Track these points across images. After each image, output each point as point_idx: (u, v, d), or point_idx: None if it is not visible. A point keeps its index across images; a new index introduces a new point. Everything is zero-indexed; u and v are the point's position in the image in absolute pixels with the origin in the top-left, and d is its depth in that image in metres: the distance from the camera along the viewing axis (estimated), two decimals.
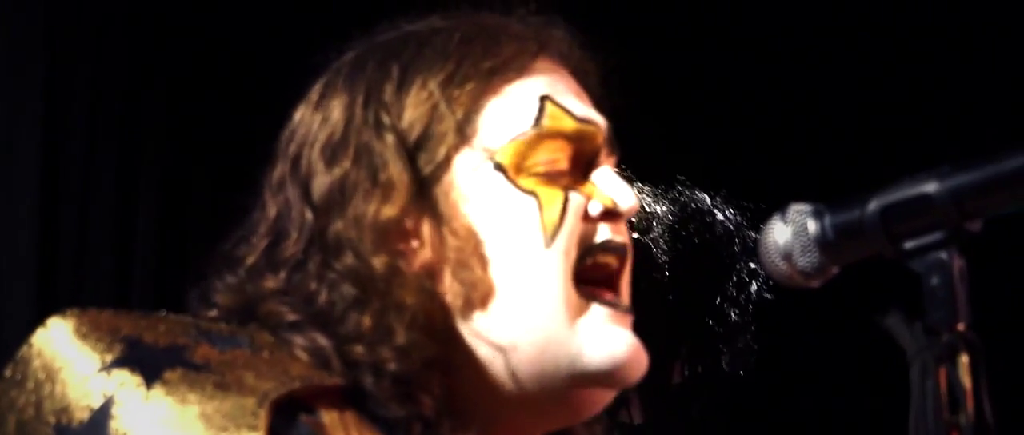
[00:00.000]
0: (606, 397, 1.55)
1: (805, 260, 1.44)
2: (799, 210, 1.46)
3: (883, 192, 1.41)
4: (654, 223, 2.54)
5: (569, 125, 1.53)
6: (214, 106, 4.73)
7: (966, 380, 1.32)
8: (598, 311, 1.52)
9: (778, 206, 1.48)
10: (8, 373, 1.39)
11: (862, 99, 4.97)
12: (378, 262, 1.47)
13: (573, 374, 1.50)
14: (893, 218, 1.40)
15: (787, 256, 1.45)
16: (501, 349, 1.48)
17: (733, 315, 2.64)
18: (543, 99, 1.53)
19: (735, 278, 2.64)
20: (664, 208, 2.59)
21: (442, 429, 1.46)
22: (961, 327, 1.34)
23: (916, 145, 4.52)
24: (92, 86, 4.80)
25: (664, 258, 2.50)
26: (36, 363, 1.37)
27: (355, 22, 1.66)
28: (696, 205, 2.66)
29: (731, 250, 2.64)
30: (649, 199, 2.61)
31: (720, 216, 2.66)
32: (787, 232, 1.45)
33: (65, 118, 4.74)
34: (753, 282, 2.64)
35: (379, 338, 1.45)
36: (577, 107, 1.55)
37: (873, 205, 1.41)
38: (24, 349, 1.38)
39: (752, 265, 2.63)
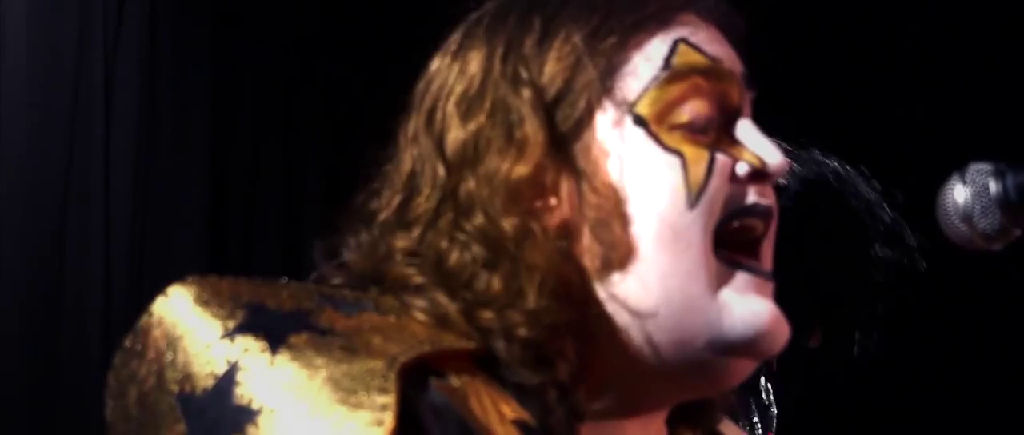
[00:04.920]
0: (747, 368, 1.45)
1: (986, 222, 1.39)
2: (979, 170, 1.41)
3: None
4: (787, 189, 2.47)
5: (701, 61, 1.44)
6: (373, 90, 4.80)
7: None
8: (741, 278, 1.42)
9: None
10: (128, 344, 1.34)
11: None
12: (508, 223, 1.39)
13: (712, 342, 1.40)
14: None
15: (967, 218, 1.40)
16: (639, 313, 1.40)
17: (862, 292, 2.56)
18: (677, 41, 1.45)
19: (867, 255, 2.55)
20: (795, 176, 2.51)
21: (578, 396, 1.38)
22: None
23: None
24: (255, 84, 4.94)
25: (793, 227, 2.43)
26: (156, 332, 1.32)
27: None
28: (830, 174, 2.58)
29: (864, 226, 2.56)
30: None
31: (855, 188, 2.57)
32: (966, 192, 1.40)
33: (231, 117, 4.89)
34: (884, 264, 2.56)
35: (509, 301, 1.37)
36: (711, 47, 1.47)
37: None
38: (144, 318, 1.33)
39: (884, 247, 2.56)
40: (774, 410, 2.52)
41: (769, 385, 2.51)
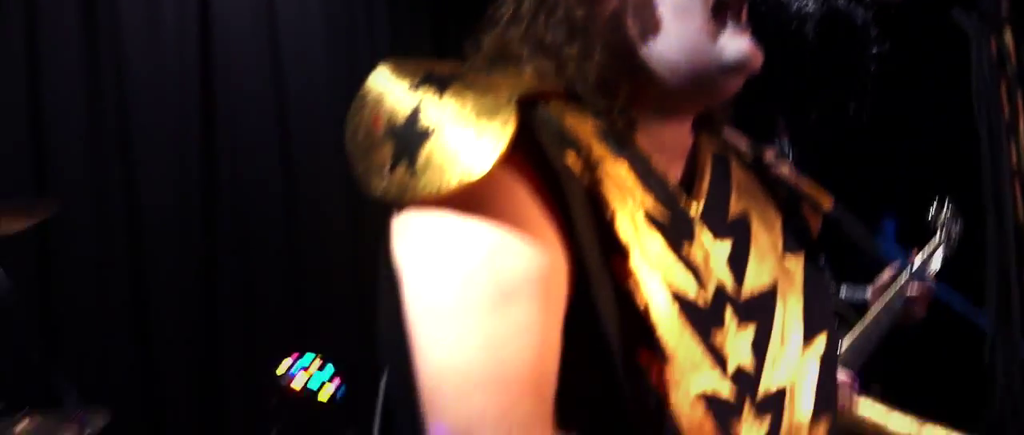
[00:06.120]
0: (738, 82, 2.06)
1: None
2: None
3: None
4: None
5: None
6: None
7: (1010, 43, 1.77)
8: (730, 28, 2.02)
9: None
10: (356, 104, 1.90)
11: None
12: (579, 13, 2.01)
13: (719, 67, 2.01)
14: None
15: None
16: (669, 60, 2.00)
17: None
18: None
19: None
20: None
21: (632, 112, 2.01)
22: (1004, 11, 1.77)
23: None
24: None
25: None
26: (371, 95, 1.90)
27: None
28: None
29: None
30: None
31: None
32: None
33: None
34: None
35: (583, 59, 2.00)
36: None
37: None
38: (363, 88, 1.91)
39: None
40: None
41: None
